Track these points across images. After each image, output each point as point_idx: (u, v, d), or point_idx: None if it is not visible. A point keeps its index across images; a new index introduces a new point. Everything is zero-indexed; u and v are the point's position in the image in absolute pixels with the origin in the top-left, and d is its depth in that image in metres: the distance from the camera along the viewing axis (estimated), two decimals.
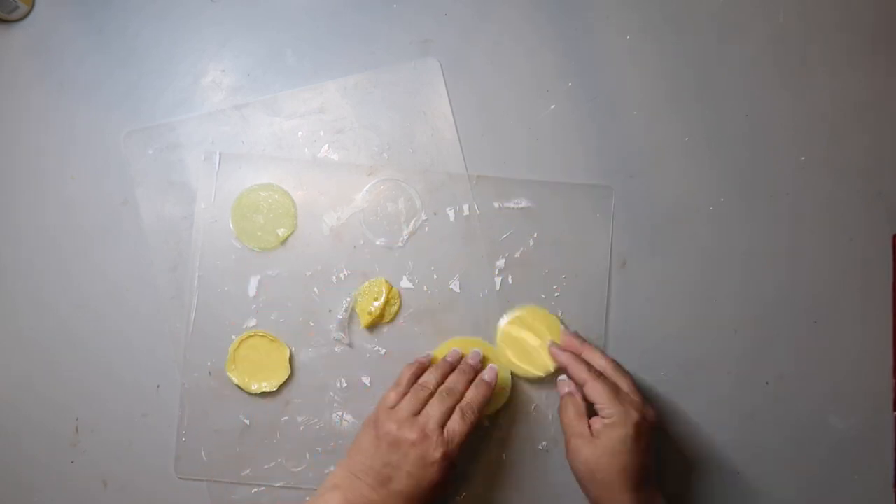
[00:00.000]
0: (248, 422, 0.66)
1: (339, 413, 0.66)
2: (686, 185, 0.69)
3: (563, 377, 0.63)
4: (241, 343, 0.66)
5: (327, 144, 0.68)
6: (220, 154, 0.68)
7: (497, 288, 0.68)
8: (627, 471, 0.56)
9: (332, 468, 0.66)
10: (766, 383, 0.69)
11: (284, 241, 0.67)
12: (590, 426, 0.58)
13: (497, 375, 0.63)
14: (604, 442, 0.56)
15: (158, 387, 0.67)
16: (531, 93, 0.69)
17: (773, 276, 0.69)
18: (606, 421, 0.57)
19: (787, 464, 0.68)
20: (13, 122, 0.68)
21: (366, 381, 0.67)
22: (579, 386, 0.60)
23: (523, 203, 0.68)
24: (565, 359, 0.62)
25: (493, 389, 0.62)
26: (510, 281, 0.68)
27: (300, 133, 0.68)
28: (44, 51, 0.68)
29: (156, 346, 0.67)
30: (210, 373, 0.66)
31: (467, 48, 0.69)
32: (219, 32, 0.69)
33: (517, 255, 0.68)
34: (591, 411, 0.59)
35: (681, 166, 0.69)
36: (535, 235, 0.68)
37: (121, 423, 0.67)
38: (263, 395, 0.66)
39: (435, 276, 0.67)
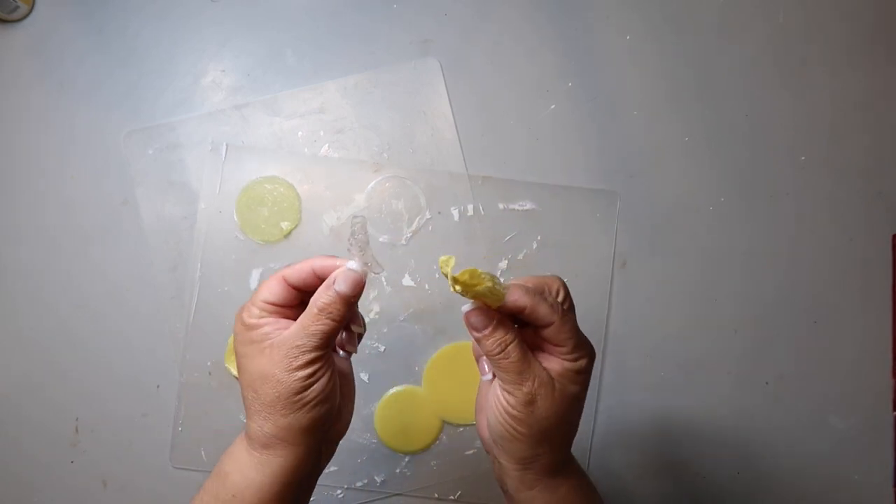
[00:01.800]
0: None
1: None
2: (686, 185, 0.69)
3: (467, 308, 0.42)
4: None
5: (327, 144, 0.68)
6: (226, 145, 0.68)
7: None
8: (575, 425, 0.44)
9: (332, 468, 0.66)
10: (766, 383, 0.69)
11: (288, 235, 0.67)
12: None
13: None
14: (570, 389, 0.42)
15: (158, 387, 0.67)
16: (531, 93, 0.69)
17: (773, 276, 0.69)
18: (573, 365, 0.42)
19: (787, 464, 0.68)
20: (13, 122, 0.68)
21: (364, 377, 0.67)
22: (536, 324, 0.42)
23: (528, 205, 0.68)
24: (523, 296, 0.41)
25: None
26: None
27: (300, 133, 0.68)
28: (44, 51, 0.68)
29: (156, 346, 0.67)
30: (210, 372, 0.66)
31: (467, 48, 0.69)
32: (219, 32, 0.69)
33: (520, 256, 0.68)
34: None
35: (681, 166, 0.69)
36: (539, 238, 0.68)
37: (121, 423, 0.67)
38: None
39: (437, 276, 0.67)
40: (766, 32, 0.70)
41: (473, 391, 0.67)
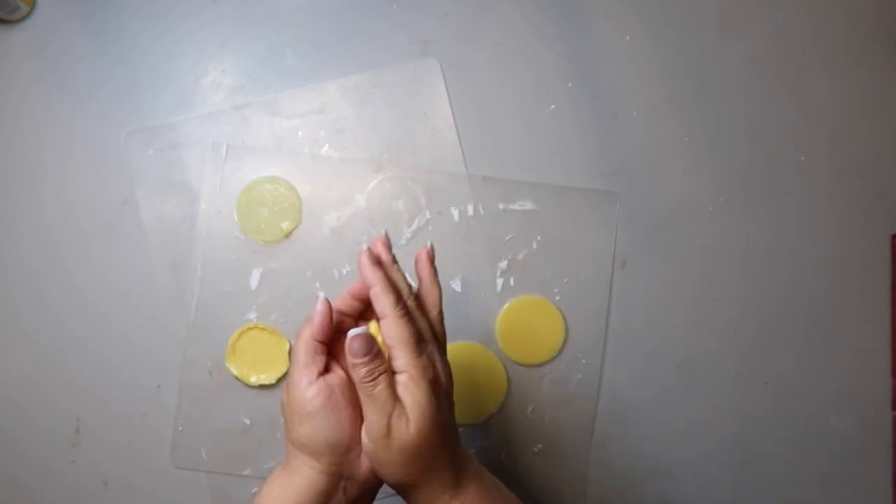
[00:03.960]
0: (248, 421, 0.66)
1: None
2: (686, 185, 0.69)
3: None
4: (241, 335, 0.66)
5: (327, 145, 0.68)
6: (226, 145, 0.68)
7: (498, 289, 0.68)
8: (445, 437, 0.44)
9: None
10: (766, 383, 0.69)
11: (289, 235, 0.67)
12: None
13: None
14: (410, 407, 0.43)
15: (159, 386, 0.67)
16: (531, 93, 0.69)
17: (773, 276, 0.69)
18: (403, 377, 0.43)
19: (787, 464, 0.68)
20: (13, 122, 0.68)
21: None
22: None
23: (528, 206, 0.68)
24: (372, 276, 0.45)
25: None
26: (512, 283, 0.68)
27: (300, 133, 0.68)
28: (44, 51, 0.68)
29: (156, 346, 0.67)
30: (210, 372, 0.66)
31: (467, 48, 0.69)
32: (219, 32, 0.69)
33: (520, 257, 0.68)
34: None
35: (681, 166, 0.69)
36: (539, 238, 0.68)
37: (121, 422, 0.67)
38: (263, 390, 0.66)
39: None
40: (766, 32, 0.70)
41: (468, 392, 0.67)
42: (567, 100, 0.69)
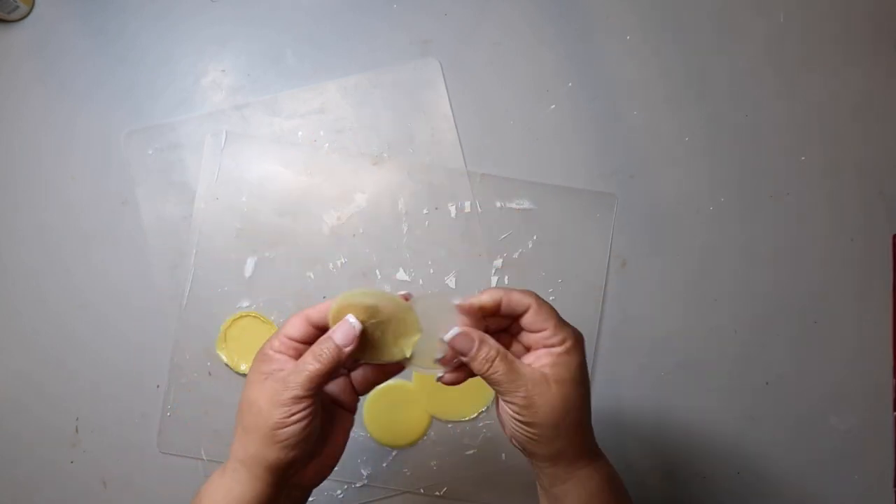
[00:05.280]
0: None
1: None
2: (686, 185, 0.69)
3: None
4: (232, 322, 0.66)
5: (327, 144, 0.68)
6: (226, 132, 0.68)
7: (492, 287, 0.67)
8: (582, 410, 0.44)
9: None
10: (766, 383, 0.69)
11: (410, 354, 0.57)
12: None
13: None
14: (564, 375, 0.43)
15: (158, 386, 0.67)
16: (531, 93, 0.69)
17: (773, 276, 0.69)
18: (560, 349, 0.43)
19: (787, 464, 0.68)
20: (13, 122, 0.68)
21: None
22: (513, 314, 0.45)
23: (525, 204, 0.68)
24: (499, 293, 0.46)
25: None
26: (506, 281, 0.68)
27: (300, 133, 0.68)
28: (44, 51, 0.68)
29: (156, 346, 0.67)
30: (207, 363, 0.66)
31: (467, 48, 0.69)
32: (219, 32, 0.69)
33: (515, 255, 0.68)
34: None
35: (681, 166, 0.69)
36: (535, 238, 0.68)
37: (121, 422, 0.67)
38: None
39: (431, 271, 0.67)
40: (766, 32, 0.70)
41: (462, 388, 0.67)
42: (567, 100, 0.69)
